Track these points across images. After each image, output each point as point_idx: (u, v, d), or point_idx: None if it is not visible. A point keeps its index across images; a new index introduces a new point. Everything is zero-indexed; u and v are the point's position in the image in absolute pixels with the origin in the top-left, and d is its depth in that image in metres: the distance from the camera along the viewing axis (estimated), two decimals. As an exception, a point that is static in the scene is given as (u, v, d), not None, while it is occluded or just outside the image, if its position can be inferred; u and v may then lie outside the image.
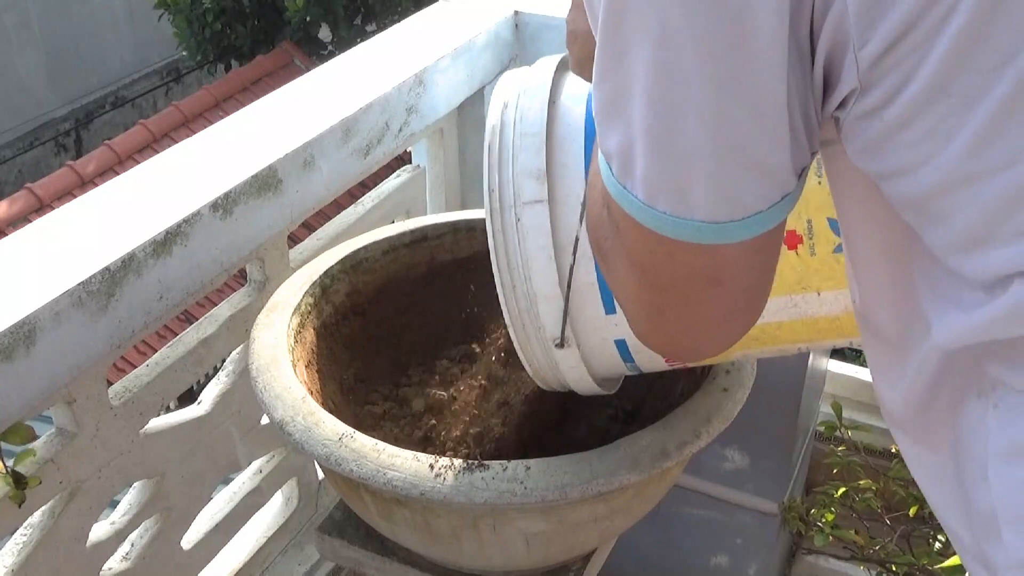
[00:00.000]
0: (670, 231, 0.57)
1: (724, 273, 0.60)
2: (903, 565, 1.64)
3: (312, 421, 1.01)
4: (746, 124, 0.53)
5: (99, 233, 1.13)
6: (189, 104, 6.38)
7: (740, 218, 0.56)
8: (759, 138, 0.54)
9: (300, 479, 1.51)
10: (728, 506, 1.74)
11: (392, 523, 1.05)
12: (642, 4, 0.52)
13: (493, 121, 0.97)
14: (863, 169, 0.57)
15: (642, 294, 0.65)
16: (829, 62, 0.53)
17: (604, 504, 1.01)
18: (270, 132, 1.34)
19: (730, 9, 0.50)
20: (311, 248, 1.43)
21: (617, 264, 0.65)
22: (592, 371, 1.00)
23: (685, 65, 0.52)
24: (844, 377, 1.95)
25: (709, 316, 0.64)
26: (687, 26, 0.51)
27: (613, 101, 0.57)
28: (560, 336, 0.95)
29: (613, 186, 0.60)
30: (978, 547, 0.59)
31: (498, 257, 0.95)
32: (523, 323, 0.97)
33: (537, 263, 0.94)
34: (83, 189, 5.22)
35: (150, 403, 1.20)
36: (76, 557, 1.16)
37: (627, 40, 0.54)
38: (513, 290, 0.95)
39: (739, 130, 0.53)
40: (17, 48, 8.31)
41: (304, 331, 1.20)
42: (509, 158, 0.94)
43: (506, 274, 0.95)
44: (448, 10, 1.74)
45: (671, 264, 0.60)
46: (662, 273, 0.61)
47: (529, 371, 1.02)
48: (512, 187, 0.93)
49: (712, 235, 0.57)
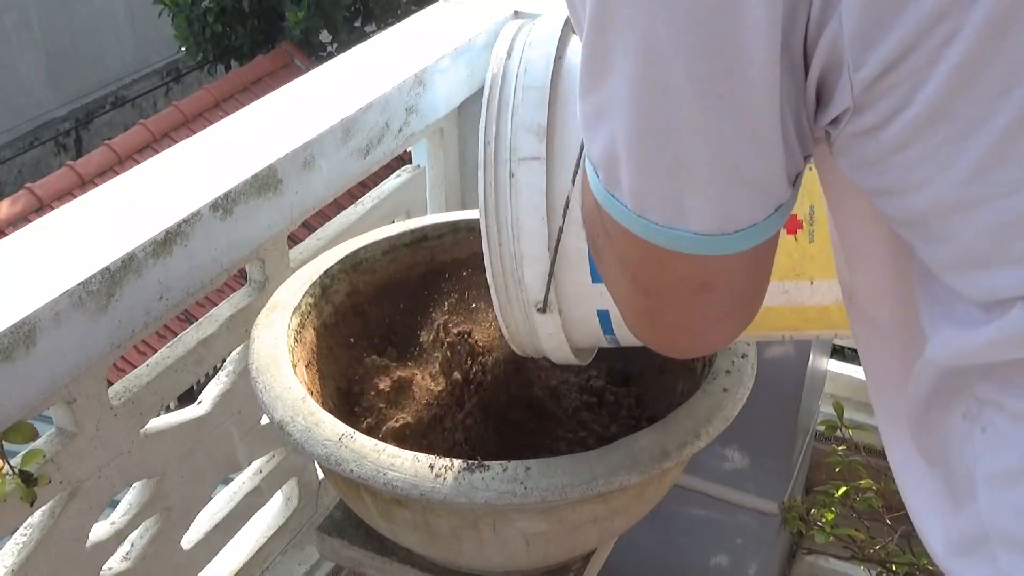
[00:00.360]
0: (661, 240, 0.57)
1: (716, 280, 0.59)
2: (903, 565, 1.64)
3: (312, 421, 1.01)
4: (738, 141, 0.52)
5: (99, 233, 1.13)
6: (189, 104, 6.38)
7: (733, 231, 0.55)
8: (752, 154, 0.53)
9: (300, 479, 1.51)
10: (728, 506, 1.74)
11: (392, 523, 1.05)
12: (628, 18, 0.51)
13: (494, 70, 0.92)
14: (855, 184, 0.56)
15: (634, 296, 0.64)
16: (823, 80, 0.52)
17: (604, 504, 1.01)
18: (270, 132, 1.34)
19: (721, 25, 0.49)
20: (311, 248, 1.43)
21: (609, 265, 0.65)
22: (571, 340, 0.97)
23: (674, 82, 0.51)
24: (844, 377, 1.95)
25: (700, 320, 0.64)
26: (676, 42, 0.50)
27: (598, 114, 0.56)
28: (543, 301, 0.92)
29: (601, 193, 0.59)
30: (948, 562, 0.58)
31: (487, 213, 0.91)
32: (505, 284, 0.93)
33: (528, 222, 0.90)
34: (83, 189, 5.22)
35: (150, 403, 1.20)
36: (76, 557, 1.16)
37: (613, 54, 0.53)
38: (500, 248, 0.92)
39: (731, 146, 0.53)
40: (17, 48, 8.31)
41: (304, 331, 1.20)
42: (509, 110, 0.90)
43: (493, 231, 0.91)
44: (448, 10, 1.74)
45: (662, 271, 0.59)
46: (653, 278, 0.61)
47: (505, 334, 0.99)
48: (509, 141, 0.90)
49: (705, 246, 0.56)
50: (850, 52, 0.48)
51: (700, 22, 0.49)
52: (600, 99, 0.55)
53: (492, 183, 0.90)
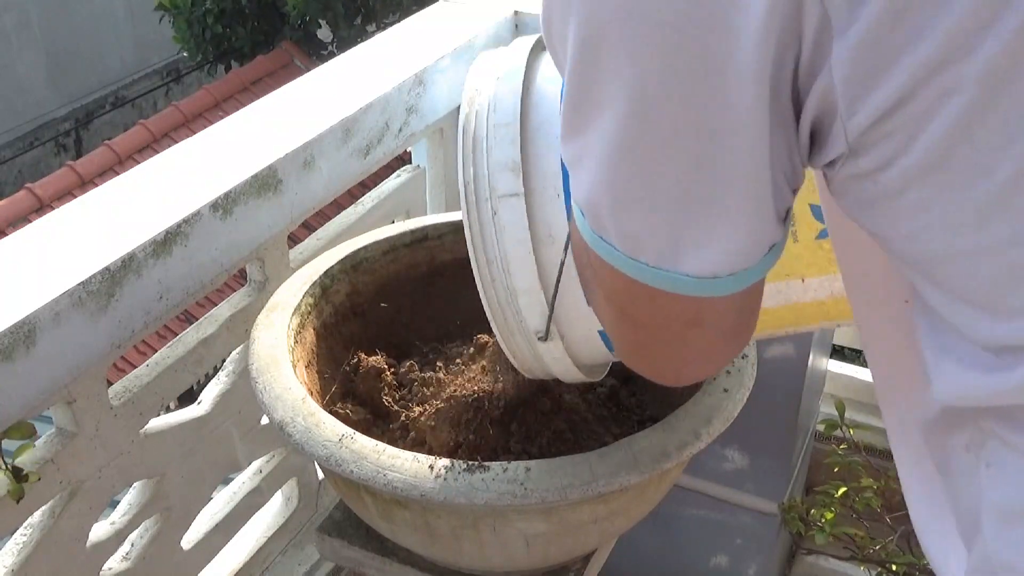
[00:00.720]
0: (652, 281, 0.56)
1: (706, 317, 0.59)
2: (903, 565, 1.64)
3: (312, 422, 1.01)
4: (728, 188, 0.52)
5: (99, 233, 1.13)
6: (189, 104, 6.38)
7: (727, 274, 0.55)
8: (742, 200, 0.53)
9: (300, 479, 1.51)
10: (728, 506, 1.74)
11: (392, 524, 1.05)
12: (614, 69, 0.50)
13: (466, 109, 0.93)
14: (856, 223, 0.55)
15: (622, 330, 0.64)
16: (817, 125, 0.51)
17: (604, 505, 1.01)
18: (270, 132, 1.34)
19: (708, 77, 0.48)
20: (311, 248, 1.43)
21: (597, 299, 0.65)
22: (577, 361, 0.98)
23: (663, 132, 0.50)
24: (844, 377, 1.95)
25: (689, 353, 0.64)
26: (663, 93, 0.49)
27: (581, 158, 0.55)
28: (544, 330, 0.93)
29: (589, 235, 0.58)
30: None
31: (476, 252, 0.92)
32: (504, 317, 0.95)
33: (516, 257, 0.91)
34: (83, 189, 5.22)
35: (150, 403, 1.20)
36: (76, 557, 1.16)
37: (597, 101, 0.52)
38: (492, 284, 0.93)
39: (722, 194, 0.52)
40: (17, 48, 8.31)
41: (304, 331, 1.19)
42: (483, 149, 0.91)
43: (484, 269, 0.93)
44: (448, 10, 1.74)
45: (651, 308, 0.59)
46: (641, 314, 0.60)
47: (514, 363, 1.01)
48: (487, 180, 0.90)
49: (698, 288, 0.55)
50: (843, 101, 0.48)
51: (687, 74, 0.48)
52: (585, 145, 0.54)
53: (476, 222, 0.91)
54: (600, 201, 0.55)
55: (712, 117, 0.49)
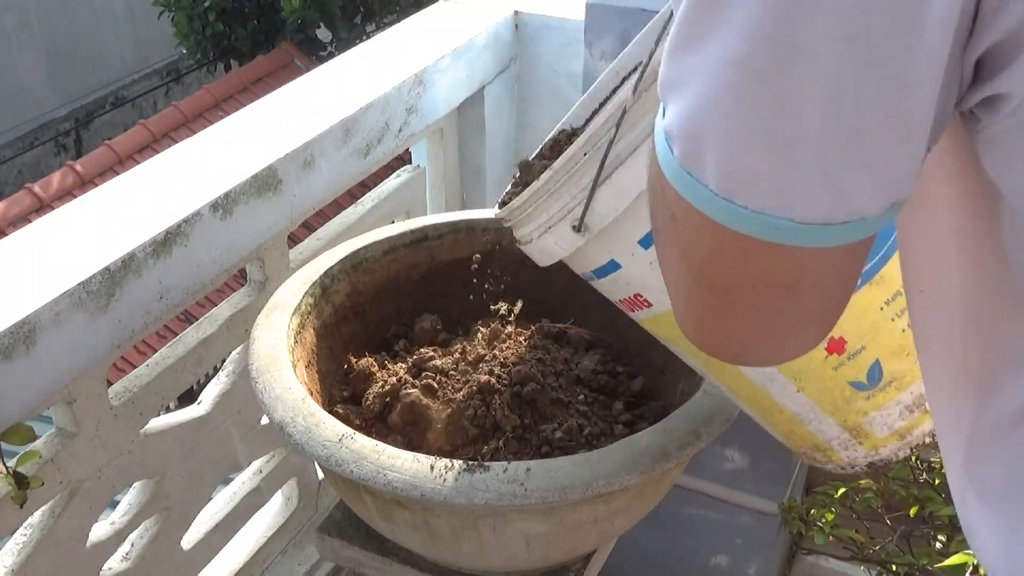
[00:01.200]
0: (748, 228, 0.48)
1: (803, 280, 0.51)
2: (903, 565, 1.64)
3: (312, 422, 1.01)
4: (881, 117, 0.44)
5: (99, 233, 1.13)
6: (189, 104, 6.38)
7: (840, 221, 0.47)
8: (892, 134, 0.45)
9: (300, 479, 1.51)
10: (728, 506, 1.74)
11: (392, 524, 1.05)
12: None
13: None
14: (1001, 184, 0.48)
15: (696, 292, 0.55)
16: (990, 54, 0.44)
17: (604, 505, 1.01)
18: (270, 132, 1.34)
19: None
20: (311, 248, 1.43)
21: (669, 252, 0.56)
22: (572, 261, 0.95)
23: (811, 42, 0.43)
24: (844, 377, 1.94)
25: (772, 326, 0.55)
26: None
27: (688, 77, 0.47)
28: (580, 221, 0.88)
29: (674, 171, 0.50)
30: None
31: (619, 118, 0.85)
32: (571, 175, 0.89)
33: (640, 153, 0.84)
34: (83, 189, 5.21)
35: (150, 403, 1.20)
36: (76, 557, 1.16)
37: (726, 5, 0.44)
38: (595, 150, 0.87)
39: (870, 122, 0.45)
40: (17, 48, 8.31)
41: (304, 331, 1.19)
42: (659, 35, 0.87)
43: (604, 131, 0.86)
44: (448, 10, 1.74)
45: (741, 265, 0.50)
46: (726, 273, 0.52)
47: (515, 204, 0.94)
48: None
49: (803, 236, 0.47)
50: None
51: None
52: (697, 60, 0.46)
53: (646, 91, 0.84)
54: (704, 129, 0.47)
55: (885, 29, 0.42)
